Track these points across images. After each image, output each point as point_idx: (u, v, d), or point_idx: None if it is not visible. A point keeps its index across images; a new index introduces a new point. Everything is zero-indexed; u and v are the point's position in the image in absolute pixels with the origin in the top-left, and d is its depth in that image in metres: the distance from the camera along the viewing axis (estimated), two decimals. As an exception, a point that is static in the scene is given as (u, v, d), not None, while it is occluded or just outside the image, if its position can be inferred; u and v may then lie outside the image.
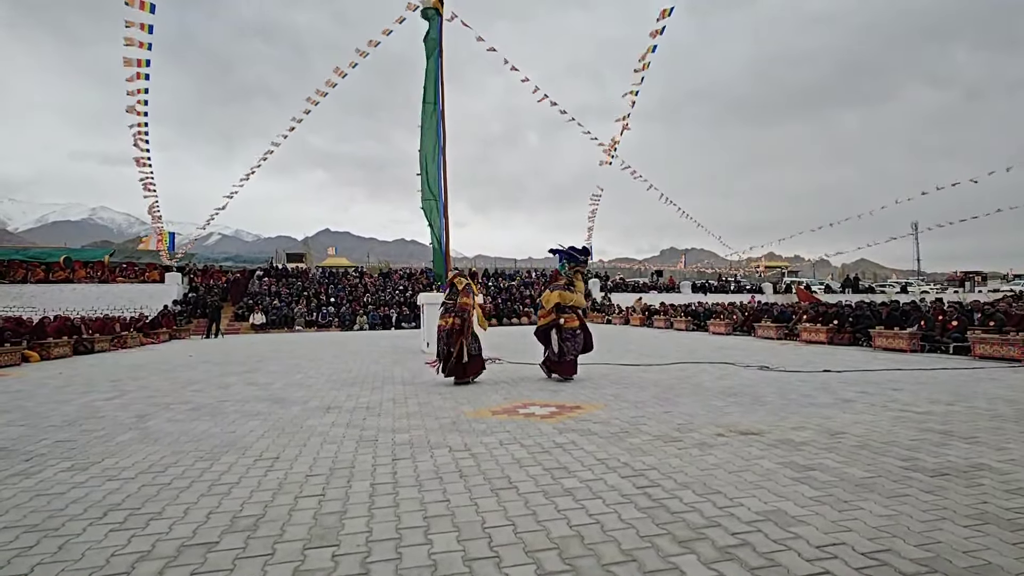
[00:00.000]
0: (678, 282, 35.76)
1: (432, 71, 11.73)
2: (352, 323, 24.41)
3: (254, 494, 2.96)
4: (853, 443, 3.85)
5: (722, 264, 46.66)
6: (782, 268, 47.45)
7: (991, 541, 2.27)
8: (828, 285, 39.57)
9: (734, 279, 38.77)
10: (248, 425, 4.69)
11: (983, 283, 42.54)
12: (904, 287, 41.83)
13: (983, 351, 9.30)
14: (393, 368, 8.92)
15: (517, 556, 2.20)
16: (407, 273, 32.16)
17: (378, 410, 5.32)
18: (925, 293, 34.69)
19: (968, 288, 39.38)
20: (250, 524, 2.54)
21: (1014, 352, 8.82)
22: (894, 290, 39.53)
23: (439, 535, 2.40)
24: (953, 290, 38.62)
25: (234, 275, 28.25)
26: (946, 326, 10.71)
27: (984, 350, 9.29)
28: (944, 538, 2.30)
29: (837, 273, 50.15)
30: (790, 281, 40.88)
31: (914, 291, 37.98)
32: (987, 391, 6.01)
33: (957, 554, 2.16)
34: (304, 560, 2.18)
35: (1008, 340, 9.00)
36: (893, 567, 2.06)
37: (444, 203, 11.62)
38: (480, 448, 3.85)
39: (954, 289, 39.15)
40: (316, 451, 3.82)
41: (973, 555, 2.15)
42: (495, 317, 25.50)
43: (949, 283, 45.13)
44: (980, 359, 9.16)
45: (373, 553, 2.23)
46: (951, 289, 39.68)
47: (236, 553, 2.25)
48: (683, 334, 17.59)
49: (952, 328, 10.52)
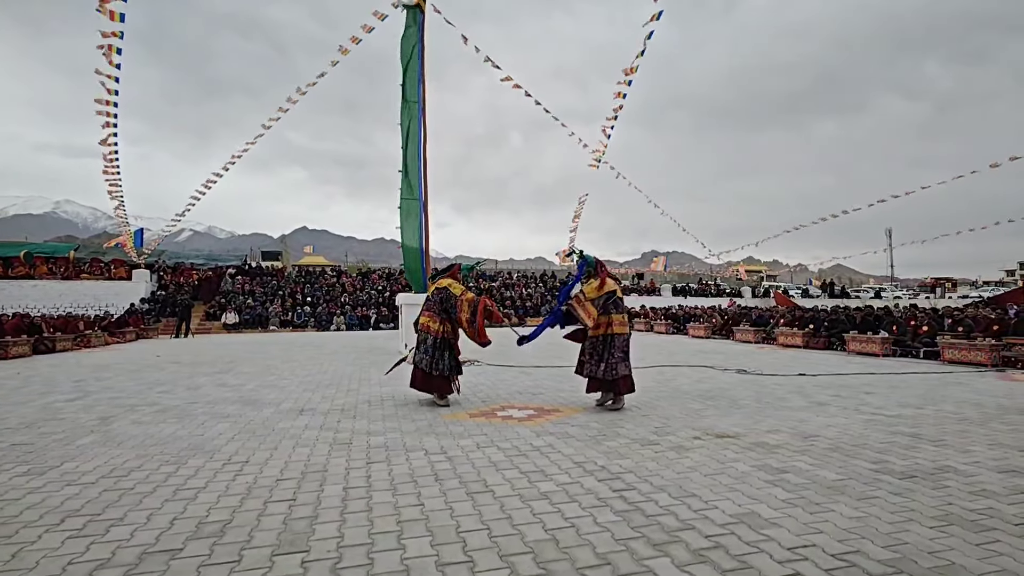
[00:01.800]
0: (659, 285, 36.17)
1: (413, 69, 11.66)
2: (329, 324, 24.10)
3: (221, 499, 2.90)
4: (826, 446, 3.94)
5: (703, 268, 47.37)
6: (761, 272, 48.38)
7: (955, 542, 2.35)
8: (807, 290, 40.45)
9: (714, 283, 39.39)
10: (217, 428, 4.59)
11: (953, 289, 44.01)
12: (878, 292, 43.00)
13: (952, 356, 9.61)
14: (370, 370, 8.84)
15: (491, 560, 2.19)
16: (386, 273, 31.90)
17: (353, 412, 5.26)
18: (898, 299, 35.71)
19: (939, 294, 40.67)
20: (216, 530, 2.49)
21: (981, 357, 9.13)
22: (868, 295, 40.61)
23: (412, 540, 2.38)
24: (925, 296, 39.85)
25: (205, 273, 27.65)
26: (917, 331, 11.04)
27: (953, 355, 9.60)
28: (911, 539, 2.37)
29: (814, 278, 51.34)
30: (768, 286, 41.71)
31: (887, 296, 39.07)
32: (955, 395, 6.21)
33: (923, 555, 2.23)
34: (272, 567, 2.15)
35: (975, 345, 9.32)
36: (861, 568, 2.12)
37: (424, 203, 11.55)
38: (456, 451, 3.84)
39: (926, 295, 40.40)
40: (288, 454, 3.76)
41: (938, 556, 2.22)
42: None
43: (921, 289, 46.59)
44: (949, 363, 9.46)
45: (344, 559, 2.21)
46: (923, 295, 40.94)
47: (201, 560, 2.20)
48: (663, 337, 17.80)
49: (923, 333, 10.85)
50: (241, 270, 29.06)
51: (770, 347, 13.46)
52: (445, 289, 5.61)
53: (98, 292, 22.99)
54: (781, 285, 43.15)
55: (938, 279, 45.97)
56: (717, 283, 39.51)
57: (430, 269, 11.86)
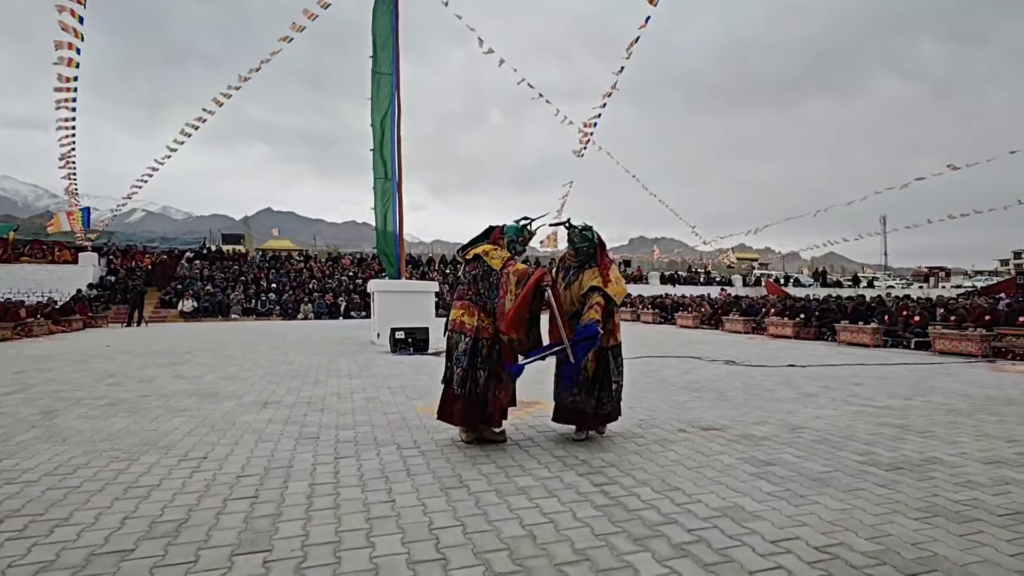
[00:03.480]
0: (646, 272, 36.52)
1: (386, 39, 11.44)
2: (296, 312, 23.82)
3: (177, 497, 2.86)
4: (813, 438, 4.05)
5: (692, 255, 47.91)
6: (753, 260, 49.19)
7: (939, 533, 2.45)
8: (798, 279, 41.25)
9: (704, 271, 39.91)
10: (172, 422, 4.53)
11: (947, 279, 45.38)
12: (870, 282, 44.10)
13: (942, 346, 9.93)
14: (339, 360, 8.78)
15: (465, 558, 2.22)
16: (358, 258, 31.58)
17: (321, 405, 5.23)
18: (891, 288, 36.67)
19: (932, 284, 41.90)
20: (171, 530, 2.46)
21: (971, 348, 9.46)
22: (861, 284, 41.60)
23: (382, 537, 2.39)
24: (918, 285, 41.01)
25: (160, 257, 27.03)
26: (909, 321, 11.37)
27: (943, 345, 9.92)
28: (895, 531, 2.46)
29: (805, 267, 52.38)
30: (760, 274, 42.43)
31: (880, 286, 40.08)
32: (944, 386, 6.43)
33: (906, 546, 2.32)
34: (232, 567, 2.13)
35: (966, 336, 9.64)
36: (844, 560, 2.19)
37: (398, 183, 11.42)
38: (430, 446, 3.85)
39: (919, 284, 41.57)
40: (250, 450, 3.72)
41: (921, 547, 2.31)
42: (453, 307, 25.42)
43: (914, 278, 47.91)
44: (940, 354, 9.78)
45: (309, 557, 2.21)
46: (916, 284, 42.12)
47: (154, 561, 2.18)
48: (649, 327, 18.02)
49: (914, 323, 11.18)
50: (199, 254, 28.48)
51: (760, 337, 13.73)
52: (480, 261, 3.82)
53: (40, 277, 22.33)
54: (772, 273, 43.93)
55: (932, 268, 47.34)
56: (707, 271, 40.06)
57: (404, 253, 11.77)
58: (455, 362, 3.76)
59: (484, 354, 3.70)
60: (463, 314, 3.80)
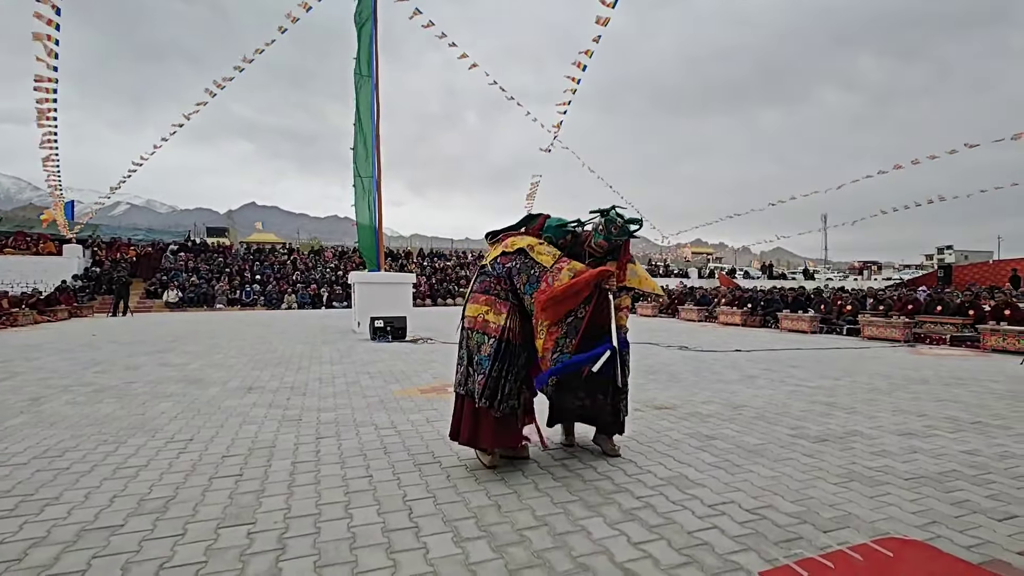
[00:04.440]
0: (610, 266, 36.87)
1: (365, 41, 11.29)
2: (279, 302, 23.39)
3: (164, 476, 2.85)
4: (752, 414, 4.23)
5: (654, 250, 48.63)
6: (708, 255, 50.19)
7: (854, 496, 2.61)
8: (747, 271, 42.31)
9: (663, 264, 40.59)
10: (159, 407, 4.46)
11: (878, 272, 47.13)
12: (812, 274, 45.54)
13: (871, 332, 10.38)
14: (321, 348, 8.70)
15: (436, 525, 2.28)
16: (339, 251, 31.12)
17: (303, 390, 5.20)
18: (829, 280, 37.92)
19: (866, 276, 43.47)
20: (159, 506, 2.46)
21: (895, 334, 9.91)
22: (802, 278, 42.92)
23: (359, 509, 2.43)
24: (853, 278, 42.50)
25: (145, 249, 26.15)
26: (842, 310, 11.83)
27: (871, 332, 10.37)
28: (816, 495, 2.62)
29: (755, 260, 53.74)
30: (714, 267, 43.38)
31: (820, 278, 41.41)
32: (870, 368, 6.75)
33: (825, 507, 2.47)
34: (217, 539, 2.15)
35: (891, 323, 10.10)
36: (771, 520, 2.33)
37: (378, 180, 11.32)
38: (407, 426, 3.89)
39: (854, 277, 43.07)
40: (234, 432, 3.71)
41: (837, 508, 2.47)
42: (429, 298, 25.31)
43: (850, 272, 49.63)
44: (868, 339, 10.23)
45: (291, 529, 2.24)
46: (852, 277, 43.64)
47: (143, 535, 2.18)
48: (613, 316, 18.29)
49: (847, 312, 11.64)
50: (184, 246, 27.66)
51: (712, 325, 14.10)
52: (524, 255, 3.00)
53: (24, 268, 21.36)
54: (725, 266, 44.94)
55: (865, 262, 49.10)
56: (666, 264, 40.76)
57: (383, 246, 11.69)
58: (476, 367, 2.89)
59: (511, 360, 2.88)
60: (488, 311, 2.94)
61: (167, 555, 2.02)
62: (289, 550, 2.06)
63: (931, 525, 2.29)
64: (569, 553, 2.05)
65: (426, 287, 26.03)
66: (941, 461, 3.13)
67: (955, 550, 2.08)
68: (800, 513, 2.41)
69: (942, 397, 4.96)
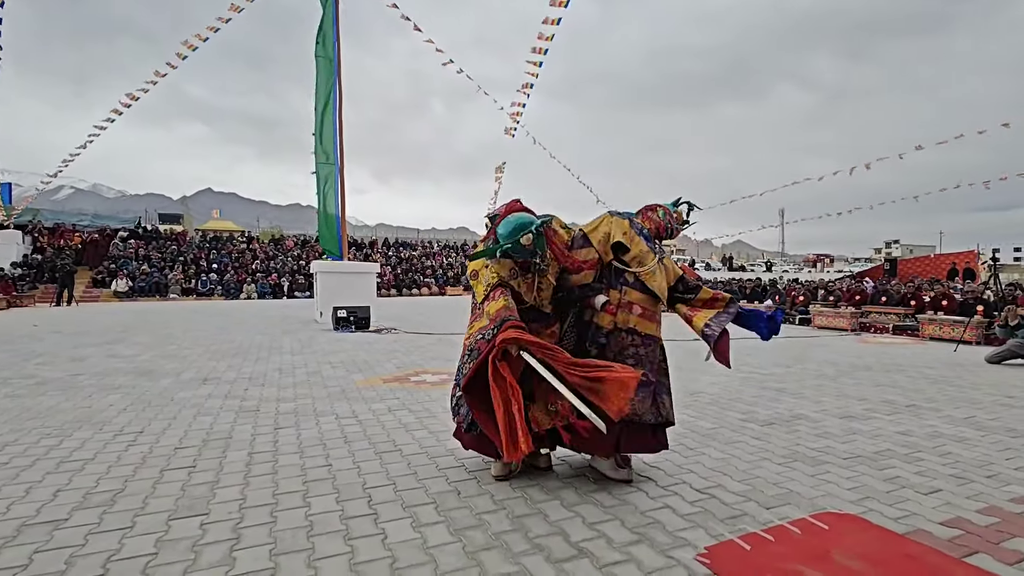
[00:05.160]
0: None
1: (328, 25, 10.98)
2: (238, 292, 22.67)
3: (112, 469, 2.76)
4: (707, 400, 4.40)
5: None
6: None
7: (796, 475, 2.76)
8: (708, 263, 43.45)
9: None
10: (107, 399, 4.29)
11: (831, 264, 49.21)
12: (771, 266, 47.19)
13: (821, 322, 10.87)
14: (282, 338, 8.51)
15: (395, 512, 2.29)
16: (302, 240, 30.35)
17: (262, 380, 5.10)
18: (785, 272, 39.38)
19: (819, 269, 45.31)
20: (106, 500, 2.39)
21: (843, 323, 10.41)
22: (760, 269, 44.43)
23: (318, 498, 2.42)
24: (807, 270, 44.23)
25: (91, 235, 24.84)
26: (795, 301, 12.33)
27: (822, 321, 10.86)
28: (762, 474, 2.76)
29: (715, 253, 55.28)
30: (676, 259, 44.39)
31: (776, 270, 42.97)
32: (818, 356, 7.08)
33: (769, 485, 2.61)
34: (169, 530, 2.11)
35: (839, 313, 10.60)
36: (719, 499, 2.44)
37: (340, 167, 11.08)
38: (368, 415, 3.87)
39: (808, 269, 44.83)
40: (188, 424, 3.61)
41: (780, 486, 2.61)
42: (394, 288, 25.03)
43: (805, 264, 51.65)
44: (819, 329, 10.70)
45: (246, 519, 2.21)
46: (806, 269, 45.41)
47: (89, 529, 2.12)
48: (578, 306, 18.53)
49: (799, 303, 12.14)
50: (134, 233, 26.40)
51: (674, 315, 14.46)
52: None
53: (-44, 255, 20.00)
54: (688, 258, 46.03)
55: (819, 255, 51.18)
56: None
57: (346, 235, 11.49)
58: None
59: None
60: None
61: (115, 548, 1.97)
62: (244, 539, 2.04)
63: (865, 500, 2.45)
64: (526, 535, 2.10)
65: (391, 277, 25.71)
66: (877, 441, 3.34)
67: (884, 522, 2.23)
68: (746, 492, 2.53)
69: (882, 382, 5.26)
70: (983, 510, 2.35)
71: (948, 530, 2.16)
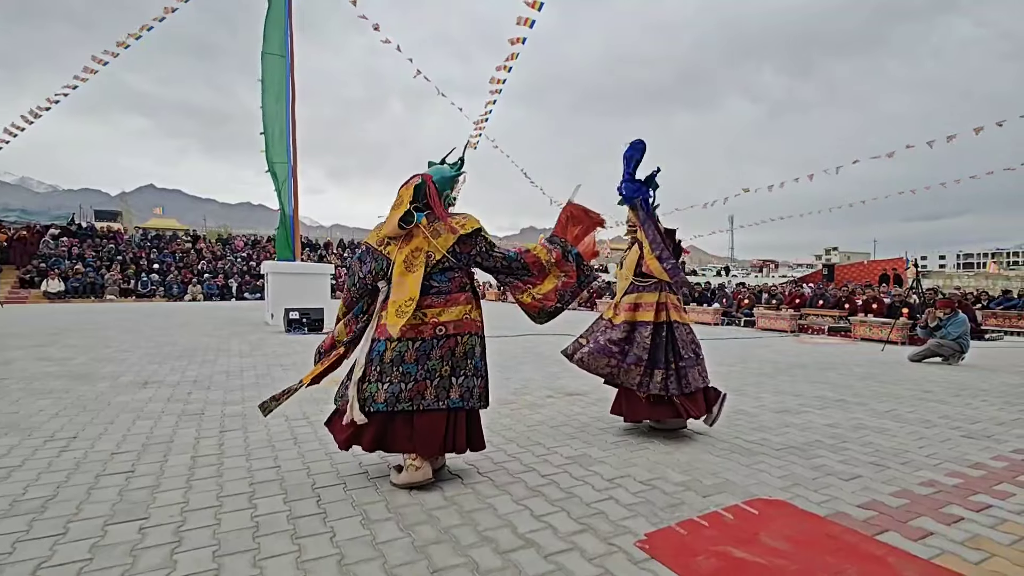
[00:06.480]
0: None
1: (277, 16, 10.70)
2: (183, 293, 21.68)
3: (42, 476, 2.63)
4: (654, 398, 4.56)
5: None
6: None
7: (732, 465, 2.93)
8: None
9: (584, 259, 41.90)
10: (37, 404, 4.05)
11: (776, 269, 51.60)
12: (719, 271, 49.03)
13: (764, 324, 11.42)
14: (230, 340, 8.23)
15: (344, 510, 2.30)
16: (252, 239, 29.33)
17: (207, 383, 4.93)
18: (733, 276, 41.00)
19: (765, 274, 47.41)
20: (36, 507, 2.28)
21: (784, 325, 10.97)
22: (711, 273, 46.11)
23: (264, 499, 2.39)
24: (754, 275, 46.20)
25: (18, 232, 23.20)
26: (740, 304, 12.89)
27: (764, 323, 11.41)
28: (701, 465, 2.91)
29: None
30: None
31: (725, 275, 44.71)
32: (760, 355, 7.45)
33: (708, 476, 2.76)
34: (105, 535, 2.04)
35: (780, 315, 11.16)
36: (660, 490, 2.57)
37: (293, 167, 10.81)
38: (319, 416, 3.82)
39: (755, 274, 46.84)
40: (126, 428, 3.47)
41: (718, 476, 2.76)
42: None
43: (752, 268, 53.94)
44: (762, 330, 11.24)
45: (188, 522, 2.16)
46: (753, 274, 47.42)
47: (16, 537, 2.02)
48: (535, 309, 18.72)
49: (744, 306, 12.70)
50: (67, 231, 24.84)
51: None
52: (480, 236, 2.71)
53: None
54: (642, 263, 47.11)
55: (765, 261, 53.58)
56: (587, 259, 42.09)
57: (299, 235, 11.22)
58: (473, 372, 2.59)
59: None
60: (471, 308, 2.65)
61: (46, 555, 1.90)
62: (186, 542, 2.00)
63: (793, 487, 2.63)
64: (475, 528, 2.15)
65: (346, 278, 25.21)
66: (807, 433, 3.57)
67: (809, 506, 2.40)
68: (686, 482, 2.67)
69: (815, 379, 5.60)
70: (896, 493, 2.57)
71: (864, 512, 2.35)
